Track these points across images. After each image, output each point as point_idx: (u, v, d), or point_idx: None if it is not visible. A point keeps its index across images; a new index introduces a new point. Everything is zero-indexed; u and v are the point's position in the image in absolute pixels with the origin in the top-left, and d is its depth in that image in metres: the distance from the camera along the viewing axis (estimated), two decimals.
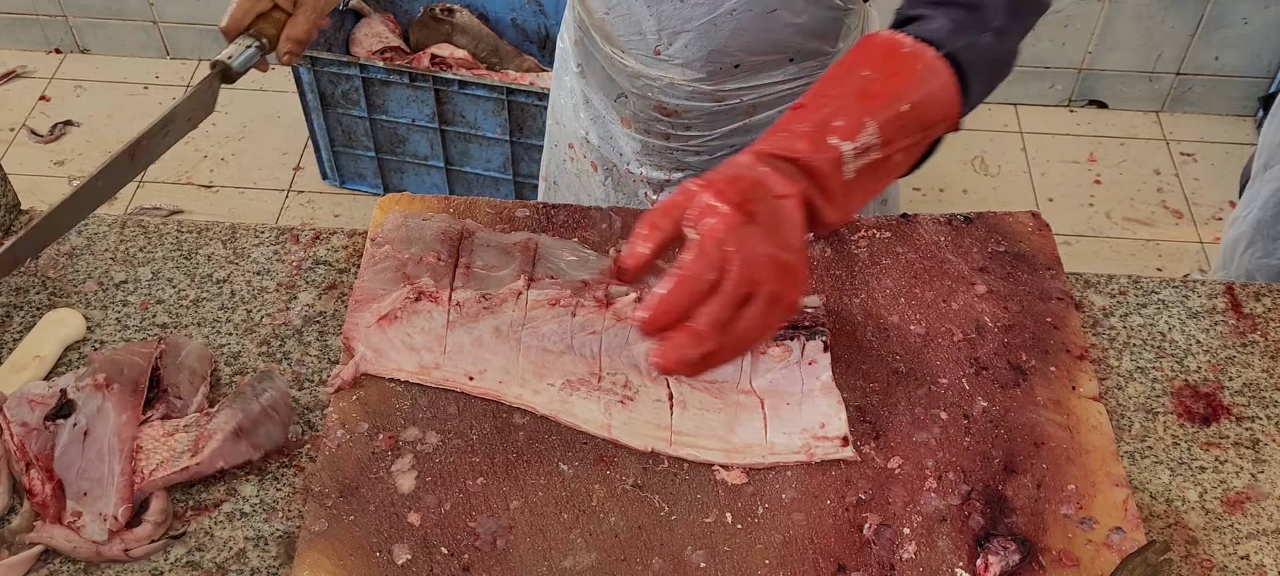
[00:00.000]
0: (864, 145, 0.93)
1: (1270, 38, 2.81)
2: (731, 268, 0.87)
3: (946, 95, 0.98)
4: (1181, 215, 2.75)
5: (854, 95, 0.96)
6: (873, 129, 0.94)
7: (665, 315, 0.88)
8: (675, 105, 1.21)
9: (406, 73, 2.45)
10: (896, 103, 0.95)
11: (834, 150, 0.93)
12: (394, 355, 1.04)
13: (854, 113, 0.94)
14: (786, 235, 0.90)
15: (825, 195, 0.93)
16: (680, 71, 1.17)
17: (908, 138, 0.97)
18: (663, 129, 1.26)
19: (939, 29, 0.98)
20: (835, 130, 0.93)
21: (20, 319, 1.12)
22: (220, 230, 1.21)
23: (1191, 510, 0.99)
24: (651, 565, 0.92)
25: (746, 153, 0.95)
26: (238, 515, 0.97)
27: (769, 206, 0.90)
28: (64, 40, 3.15)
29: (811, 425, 0.99)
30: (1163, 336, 1.13)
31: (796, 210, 0.91)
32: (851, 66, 0.99)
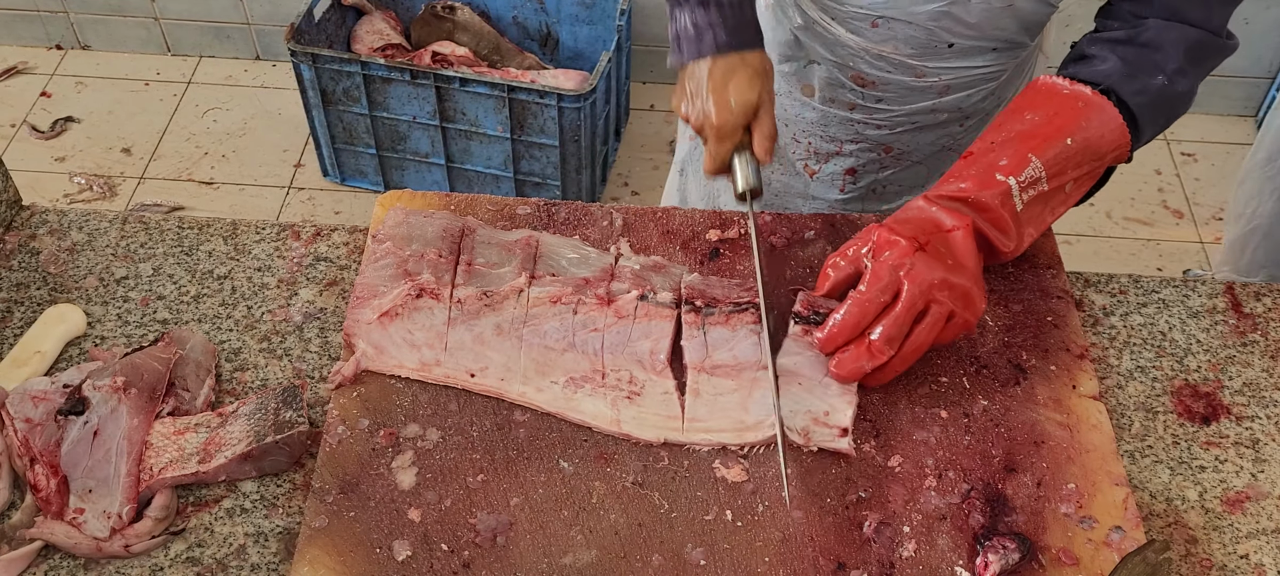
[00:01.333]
0: (1030, 179, 1.03)
1: (1271, 38, 2.81)
2: (903, 289, 0.97)
3: (1112, 129, 1.06)
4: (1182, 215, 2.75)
5: (1017, 137, 1.05)
6: (1037, 164, 1.03)
7: (840, 335, 0.99)
8: (874, 76, 1.23)
9: (408, 70, 2.45)
10: (1059, 139, 1.04)
11: (1001, 185, 1.03)
12: (395, 352, 1.04)
13: (1018, 151, 1.03)
14: (958, 261, 1.00)
15: (997, 227, 1.04)
16: (893, 44, 1.19)
17: (1076, 169, 1.05)
18: (850, 99, 1.27)
19: (1109, 71, 1.07)
20: (1000, 168, 1.03)
21: (21, 314, 1.12)
22: (221, 226, 1.21)
23: (1191, 509, 0.99)
24: (651, 562, 0.92)
25: (918, 198, 1.04)
26: (238, 511, 0.97)
27: (940, 238, 1.01)
28: (65, 36, 3.15)
29: (816, 410, 0.99)
30: (1163, 336, 1.13)
31: (967, 239, 1.01)
32: (1015, 113, 1.08)
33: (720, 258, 1.15)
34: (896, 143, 1.30)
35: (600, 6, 2.71)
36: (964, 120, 1.30)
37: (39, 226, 1.21)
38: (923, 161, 1.34)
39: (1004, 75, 1.27)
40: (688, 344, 1.05)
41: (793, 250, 1.16)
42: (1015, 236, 1.05)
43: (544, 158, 2.56)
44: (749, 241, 1.10)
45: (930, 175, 1.36)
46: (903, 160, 1.33)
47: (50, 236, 1.20)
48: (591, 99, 2.43)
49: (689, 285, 1.09)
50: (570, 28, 2.78)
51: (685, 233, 1.18)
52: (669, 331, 1.06)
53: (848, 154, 1.32)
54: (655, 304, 1.07)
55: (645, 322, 1.06)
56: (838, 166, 1.33)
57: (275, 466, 0.99)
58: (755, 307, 1.07)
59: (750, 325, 1.06)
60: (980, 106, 1.29)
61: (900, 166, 1.34)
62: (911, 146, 1.32)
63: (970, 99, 1.26)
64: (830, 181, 1.35)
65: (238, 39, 3.12)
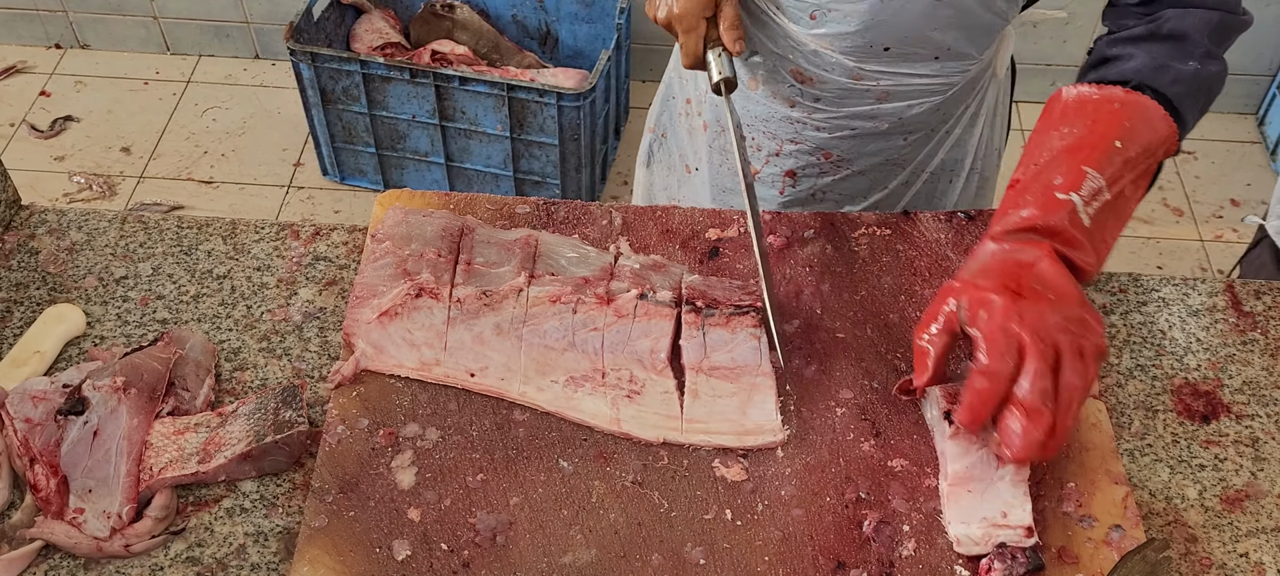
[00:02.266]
0: (1091, 191, 0.99)
1: (1271, 36, 2.81)
2: (1026, 344, 0.91)
3: (1157, 122, 1.03)
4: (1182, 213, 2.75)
5: (1063, 153, 1.01)
6: (1094, 174, 0.99)
7: (981, 410, 0.92)
8: (812, 73, 1.22)
9: (407, 69, 2.45)
10: (1107, 144, 1.00)
11: (1065, 204, 0.98)
12: (395, 351, 1.04)
13: (1070, 166, 1.00)
14: (1058, 291, 0.95)
15: (1072, 245, 0.99)
16: (830, 41, 1.18)
17: (1132, 171, 1.02)
18: (790, 96, 1.27)
19: (1138, 68, 1.05)
20: (1058, 187, 0.99)
21: (20, 314, 1.12)
22: (220, 226, 1.21)
23: (1191, 508, 0.99)
24: (651, 561, 0.92)
25: (984, 240, 1.00)
26: (238, 511, 0.97)
27: (1030, 276, 0.95)
28: (64, 35, 3.15)
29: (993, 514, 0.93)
30: (1163, 334, 1.13)
31: (1054, 264, 0.96)
32: (1048, 131, 1.04)
33: (720, 256, 1.15)
34: (836, 148, 1.29)
35: (599, 5, 2.71)
36: (907, 133, 1.28)
37: (38, 226, 1.21)
38: (864, 172, 1.32)
39: (949, 90, 1.24)
40: (686, 344, 1.05)
41: (792, 249, 1.16)
42: (1092, 252, 0.99)
43: (543, 156, 2.56)
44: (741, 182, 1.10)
45: (872, 187, 1.35)
46: (842, 167, 1.31)
47: (49, 236, 1.20)
48: (591, 98, 2.43)
49: (690, 285, 1.09)
50: (569, 26, 2.78)
51: (685, 231, 1.18)
52: (669, 331, 1.06)
53: (788, 154, 1.30)
54: (655, 303, 1.07)
55: (645, 322, 1.06)
56: (778, 167, 1.32)
57: (275, 466, 0.99)
58: (757, 310, 1.06)
59: (750, 328, 1.06)
60: (923, 120, 1.27)
61: (840, 174, 1.32)
62: (851, 155, 1.30)
63: (912, 110, 1.24)
64: (771, 182, 1.33)
65: (237, 38, 3.12)
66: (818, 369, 1.05)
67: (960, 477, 0.94)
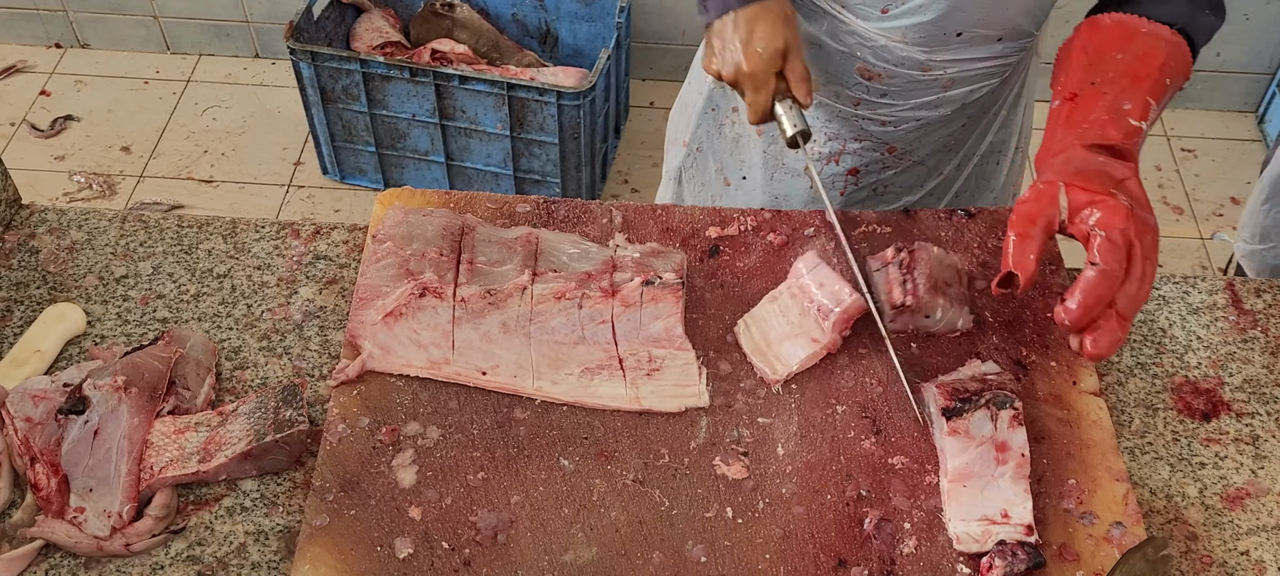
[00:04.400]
0: (1153, 120, 1.06)
1: (1271, 34, 2.80)
2: (1136, 256, 0.97)
3: (1185, 62, 1.09)
4: (1182, 211, 2.75)
5: (1124, 77, 1.07)
6: (1155, 106, 1.06)
7: (1094, 309, 0.95)
8: (879, 68, 1.23)
9: (407, 68, 2.45)
10: (1161, 78, 1.06)
11: (1136, 130, 1.04)
12: (402, 352, 1.04)
13: (1136, 94, 1.05)
14: (1146, 203, 1.01)
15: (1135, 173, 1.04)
16: (902, 32, 1.18)
17: (1160, 106, 1.08)
18: (855, 94, 1.27)
19: (1180, 13, 1.09)
20: (1129, 113, 1.04)
21: (21, 313, 1.12)
22: (221, 225, 1.21)
23: (1191, 505, 0.99)
24: (652, 559, 0.92)
25: (1072, 145, 1.04)
26: (238, 510, 0.97)
27: (1125, 191, 1.01)
28: (64, 35, 3.15)
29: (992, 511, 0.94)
30: (1163, 332, 1.13)
31: (1139, 184, 1.02)
32: (1102, 52, 1.09)
33: (720, 255, 1.15)
34: (900, 141, 1.30)
35: (600, 4, 2.71)
36: (966, 118, 1.30)
37: (38, 225, 1.21)
38: (923, 161, 1.34)
39: (1008, 70, 1.26)
40: None
41: (792, 247, 1.16)
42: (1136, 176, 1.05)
43: (543, 155, 2.56)
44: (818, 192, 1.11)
45: (929, 175, 1.36)
46: (905, 159, 1.32)
47: (50, 235, 1.20)
48: (591, 96, 2.43)
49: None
50: (569, 25, 2.78)
51: (685, 230, 1.18)
52: (678, 309, 1.06)
53: (851, 153, 1.31)
54: (661, 286, 1.08)
55: (654, 305, 1.07)
56: (840, 168, 1.33)
57: (275, 465, 0.99)
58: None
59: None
60: (981, 103, 1.29)
61: (902, 166, 1.33)
62: (914, 145, 1.31)
63: (974, 94, 1.26)
64: (831, 183, 1.34)
65: (237, 37, 3.12)
66: (818, 366, 1.05)
67: (960, 474, 0.95)
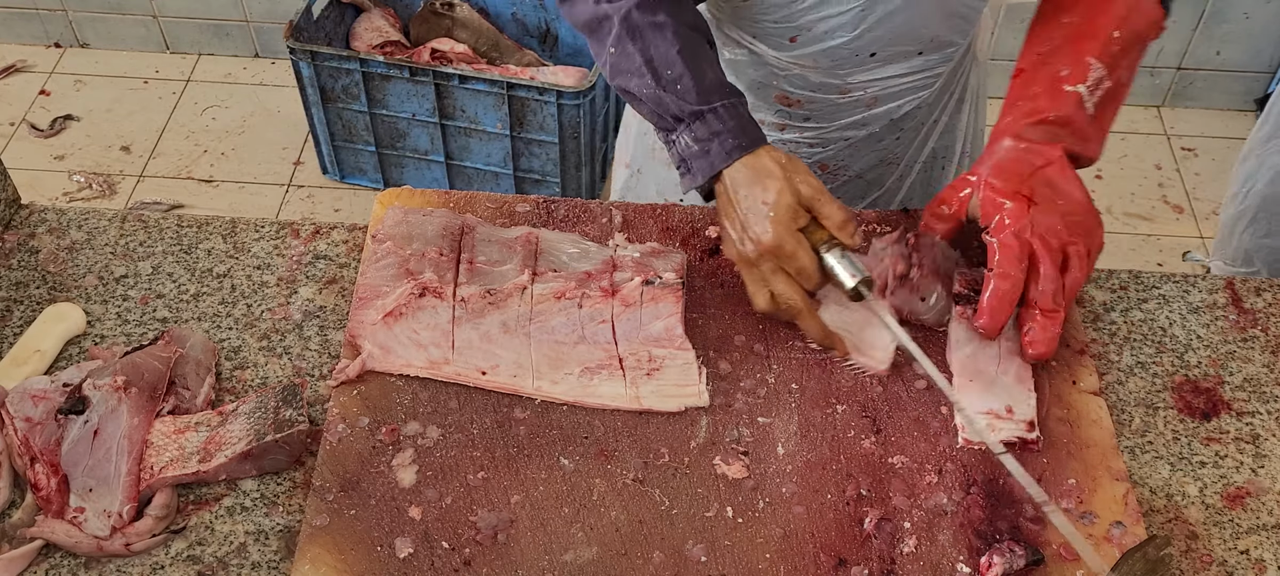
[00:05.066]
0: (1095, 81, 1.04)
1: (1271, 32, 2.80)
2: (1038, 250, 0.99)
3: (1146, 7, 1.06)
4: (1182, 210, 2.75)
5: (1065, 43, 1.05)
6: (1098, 66, 1.03)
7: (1001, 312, 0.99)
8: (797, 96, 1.21)
9: (407, 67, 2.45)
10: (1106, 32, 1.04)
11: (1072, 96, 1.03)
12: (402, 352, 1.04)
13: (1075, 57, 1.04)
14: (1067, 196, 1.01)
15: (1079, 137, 1.04)
16: (813, 59, 1.17)
17: (1127, 58, 1.06)
18: (778, 120, 1.25)
19: None
20: (1065, 78, 1.03)
21: (20, 313, 1.12)
22: (220, 225, 1.21)
23: (1191, 505, 0.99)
24: (652, 559, 0.92)
25: (1001, 134, 1.04)
26: (239, 509, 0.97)
27: (1041, 179, 1.01)
28: (64, 34, 3.15)
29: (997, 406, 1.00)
30: (1163, 331, 1.13)
31: (1065, 169, 1.02)
32: (1049, 18, 1.08)
33: (720, 254, 1.15)
34: (832, 159, 1.28)
35: None
36: (899, 131, 1.27)
37: (38, 225, 1.21)
38: (861, 176, 1.32)
39: (936, 82, 1.23)
40: None
41: None
42: (1096, 142, 1.05)
43: (543, 155, 2.56)
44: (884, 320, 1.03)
45: (869, 188, 1.34)
46: (840, 175, 1.30)
47: (49, 235, 1.20)
48: (591, 96, 2.43)
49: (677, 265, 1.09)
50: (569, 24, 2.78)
51: (685, 229, 1.18)
52: (678, 309, 1.06)
53: None
54: (661, 286, 1.08)
55: (654, 305, 1.07)
56: None
57: (275, 465, 0.99)
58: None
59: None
60: (914, 115, 1.26)
61: (838, 182, 1.31)
62: (848, 161, 1.29)
63: (902, 109, 1.23)
64: None
65: (237, 36, 3.12)
66: (818, 366, 1.05)
67: (965, 366, 1.02)
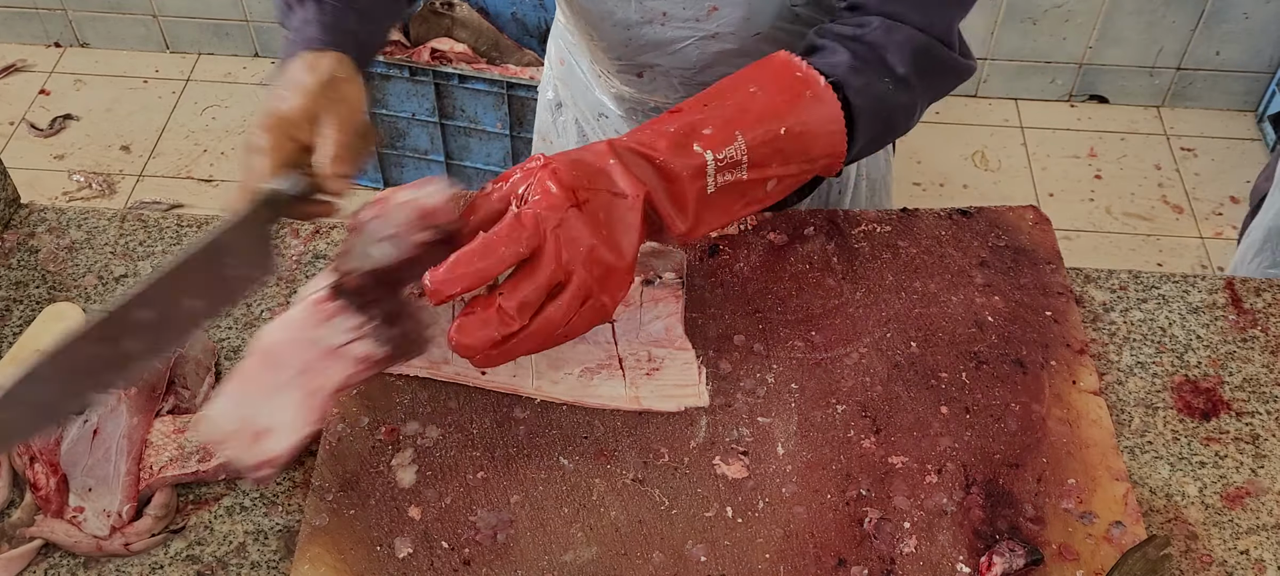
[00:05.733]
0: (730, 159, 0.90)
1: (1271, 32, 2.81)
2: (546, 248, 0.84)
3: (831, 129, 0.95)
4: (1182, 210, 2.75)
5: (733, 108, 0.93)
6: (741, 143, 0.91)
7: (457, 277, 0.83)
8: None
9: (406, 67, 2.45)
10: (774, 122, 0.93)
11: (697, 158, 0.90)
12: None
13: (727, 125, 0.92)
14: (616, 234, 0.88)
15: (677, 203, 0.91)
16: (663, 96, 1.14)
17: (783, 165, 0.94)
18: None
19: (839, 63, 0.97)
20: (703, 138, 0.91)
21: (20, 313, 1.12)
22: None
23: (1191, 505, 0.99)
24: (652, 559, 0.92)
25: (606, 141, 0.92)
26: (238, 509, 0.97)
27: (605, 200, 0.88)
28: (63, 34, 3.15)
29: None
30: (1163, 331, 1.13)
31: (634, 212, 0.88)
32: (741, 80, 0.97)
33: (720, 254, 1.15)
34: None
35: None
36: None
37: (38, 224, 1.21)
38: None
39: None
40: None
41: (793, 247, 1.16)
42: (691, 219, 0.91)
43: None
44: None
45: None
46: None
47: (49, 234, 1.20)
48: None
49: None
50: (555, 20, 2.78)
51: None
52: (679, 309, 1.06)
53: None
54: (661, 286, 1.08)
55: (654, 305, 1.07)
56: None
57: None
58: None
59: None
60: None
61: None
62: None
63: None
64: None
65: (237, 36, 3.12)
66: (818, 365, 1.05)
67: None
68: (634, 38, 1.10)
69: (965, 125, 2.98)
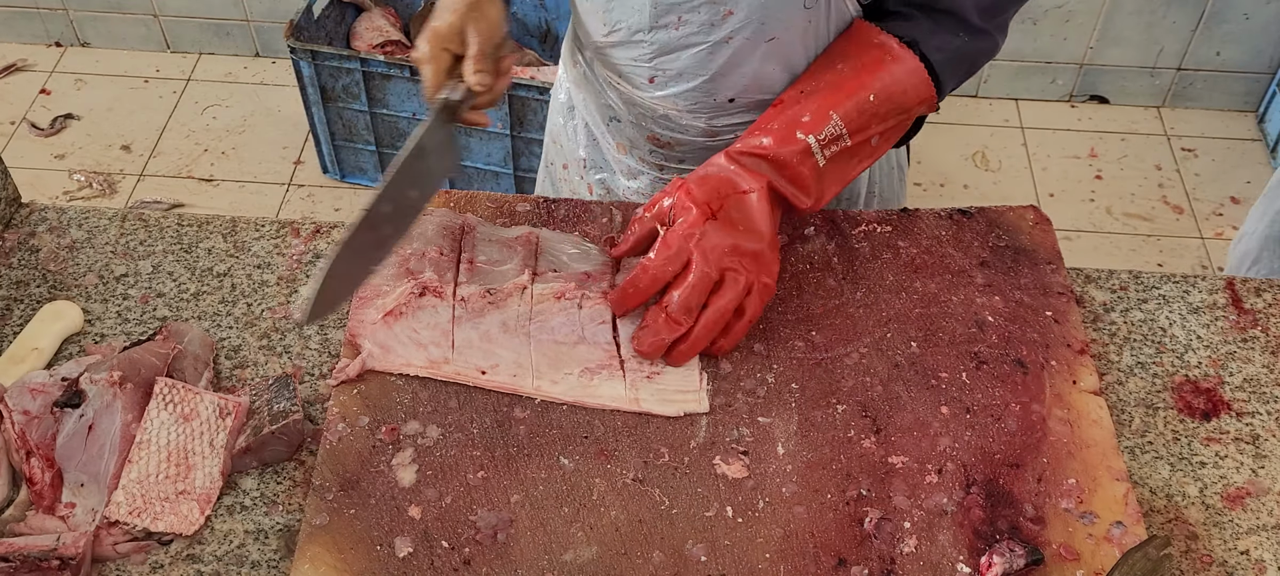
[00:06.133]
0: (830, 136, 1.04)
1: (1271, 33, 2.80)
2: (693, 260, 1.00)
3: (916, 83, 1.06)
4: (1182, 210, 2.75)
5: (824, 89, 1.05)
6: (837, 121, 1.03)
7: (628, 298, 1.02)
8: (668, 137, 1.20)
9: (407, 66, 2.45)
10: (862, 92, 1.04)
11: (801, 143, 1.03)
12: (402, 351, 1.04)
13: (821, 107, 1.04)
14: (753, 224, 1.02)
15: (796, 184, 1.05)
16: (674, 101, 1.15)
17: (881, 122, 1.06)
18: (656, 161, 1.25)
19: (914, 27, 1.07)
20: (803, 125, 1.04)
21: (20, 312, 1.12)
22: (221, 224, 1.21)
23: (1192, 505, 0.99)
24: (652, 559, 0.92)
25: (721, 153, 1.05)
26: (238, 508, 0.97)
27: (735, 202, 1.02)
28: (64, 33, 3.15)
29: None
30: (1163, 331, 1.13)
31: (761, 202, 1.03)
32: (830, 59, 1.08)
33: None
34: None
35: None
36: None
37: (38, 224, 1.21)
38: None
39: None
40: None
41: (793, 246, 1.16)
42: (815, 192, 1.06)
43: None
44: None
45: None
46: None
47: (50, 234, 1.20)
48: None
49: None
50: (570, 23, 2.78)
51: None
52: None
53: None
54: None
55: None
56: None
57: (276, 456, 0.99)
58: None
59: None
60: None
61: None
62: None
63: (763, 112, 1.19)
64: None
65: (237, 36, 3.12)
66: (819, 365, 1.05)
67: None
68: (647, 41, 1.13)
69: (965, 125, 2.98)
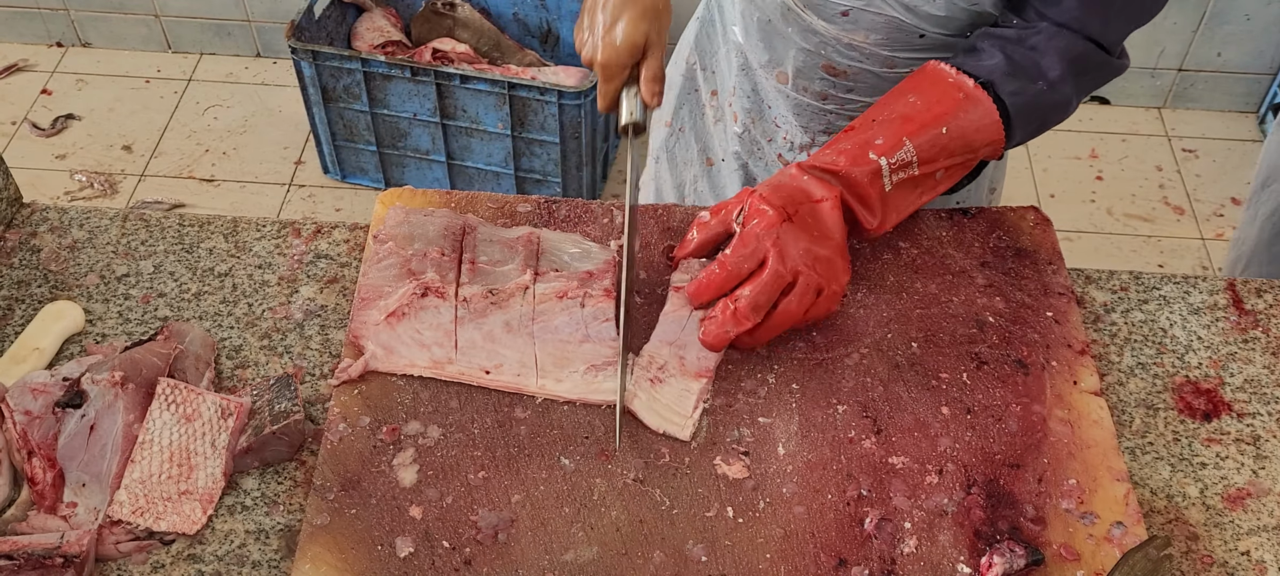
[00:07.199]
0: (901, 161, 1.06)
1: (1272, 34, 2.80)
2: (769, 258, 1.01)
3: (987, 124, 1.08)
4: (1183, 211, 2.75)
5: (897, 118, 1.08)
6: (910, 148, 1.06)
7: (704, 289, 1.04)
8: (845, 66, 1.23)
9: (408, 67, 2.45)
10: (935, 126, 1.07)
11: (873, 164, 1.06)
12: (405, 352, 1.04)
13: (894, 133, 1.07)
14: (825, 230, 1.04)
15: (864, 203, 1.07)
16: (865, 34, 1.18)
17: (949, 158, 1.08)
18: (821, 89, 1.27)
19: (993, 67, 1.09)
20: (876, 148, 1.06)
21: (22, 312, 1.12)
22: (222, 224, 1.21)
23: (1192, 506, 0.99)
24: (652, 559, 0.92)
25: (794, 165, 1.08)
26: (239, 508, 0.97)
27: (808, 209, 1.04)
28: (65, 34, 3.15)
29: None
30: (1164, 332, 1.13)
31: (833, 211, 1.05)
32: (900, 93, 1.10)
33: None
34: None
35: None
36: None
37: (40, 224, 1.21)
38: None
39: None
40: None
41: None
42: (880, 214, 1.08)
43: (544, 155, 2.56)
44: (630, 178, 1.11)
45: None
46: None
47: (51, 234, 1.20)
48: (592, 95, 2.43)
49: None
50: (571, 24, 2.78)
51: (685, 229, 1.18)
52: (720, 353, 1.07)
53: (820, 145, 1.31)
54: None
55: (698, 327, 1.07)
56: None
57: (277, 456, 0.99)
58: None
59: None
60: None
61: None
62: None
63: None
64: None
65: (238, 36, 3.12)
66: (819, 366, 1.06)
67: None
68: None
69: None
